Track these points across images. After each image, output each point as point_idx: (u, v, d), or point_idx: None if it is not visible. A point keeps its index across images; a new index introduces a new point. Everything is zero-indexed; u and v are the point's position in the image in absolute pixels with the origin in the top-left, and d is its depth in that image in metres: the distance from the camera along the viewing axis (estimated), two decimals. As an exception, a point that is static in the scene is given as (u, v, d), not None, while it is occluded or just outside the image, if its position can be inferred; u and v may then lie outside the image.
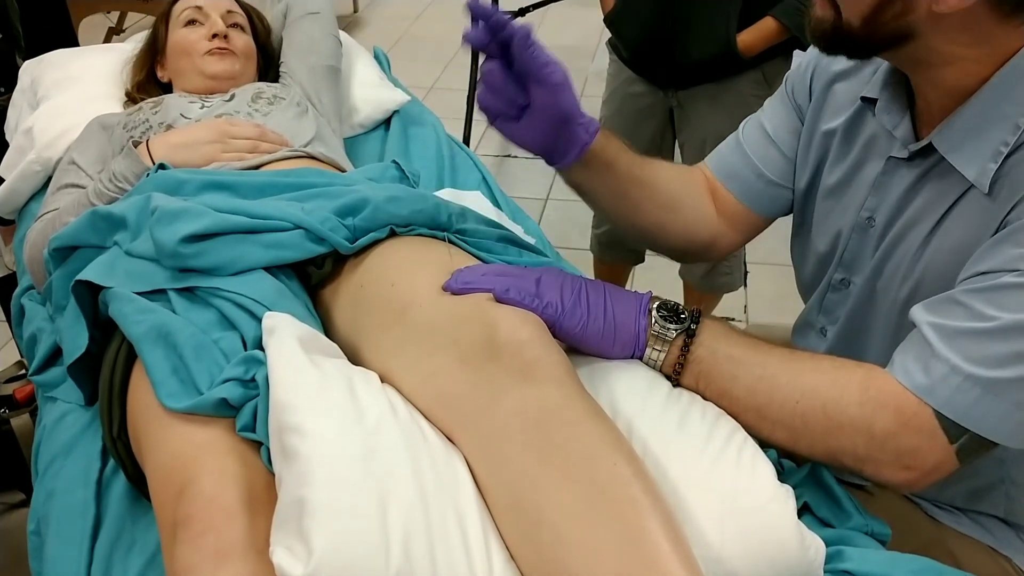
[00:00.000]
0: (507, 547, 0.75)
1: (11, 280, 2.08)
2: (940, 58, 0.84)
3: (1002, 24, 0.81)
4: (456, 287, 0.88)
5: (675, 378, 0.88)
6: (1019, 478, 0.98)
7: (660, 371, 0.89)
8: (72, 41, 2.33)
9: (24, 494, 1.84)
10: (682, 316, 0.88)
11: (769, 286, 2.49)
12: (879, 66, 0.97)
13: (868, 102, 0.99)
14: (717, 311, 2.27)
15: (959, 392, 0.79)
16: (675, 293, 2.07)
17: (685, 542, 0.72)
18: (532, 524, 0.73)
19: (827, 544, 0.81)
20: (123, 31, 3.57)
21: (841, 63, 1.03)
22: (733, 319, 2.41)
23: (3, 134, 1.74)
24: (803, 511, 0.90)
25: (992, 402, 0.78)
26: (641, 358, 0.89)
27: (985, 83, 0.84)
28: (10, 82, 2.01)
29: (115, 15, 3.56)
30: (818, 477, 0.92)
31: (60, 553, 0.92)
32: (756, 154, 1.12)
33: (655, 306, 0.89)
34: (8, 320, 2.07)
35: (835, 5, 0.86)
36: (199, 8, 1.53)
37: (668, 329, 0.87)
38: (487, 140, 3.36)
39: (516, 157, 3.24)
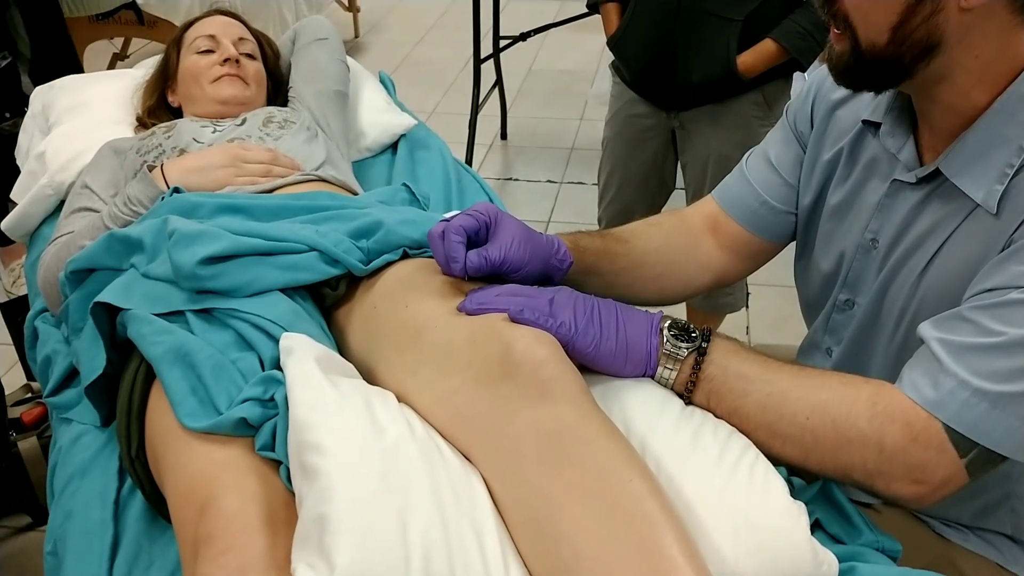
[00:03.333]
0: (525, 563, 0.75)
1: (17, 304, 2.09)
2: (954, 78, 0.86)
3: (1018, 30, 0.82)
4: (471, 308, 0.89)
5: (687, 396, 0.89)
6: (1024, 493, 0.99)
7: (672, 389, 0.90)
8: (76, 68, 2.36)
9: (31, 517, 1.84)
10: (693, 335, 0.89)
11: (771, 307, 2.50)
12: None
13: (870, 125, 1.01)
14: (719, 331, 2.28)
15: (967, 406, 0.80)
16: (678, 314, 2.08)
17: (700, 557, 0.72)
18: (549, 540, 0.73)
19: (839, 560, 0.82)
20: (127, 56, 3.61)
21: (841, 90, 1.04)
22: (750, 346, 2.42)
23: (12, 159, 1.76)
24: (814, 528, 0.89)
25: (999, 416, 0.80)
26: (653, 376, 0.90)
27: (987, 108, 0.86)
28: (16, 108, 2.03)
29: (119, 41, 3.60)
30: (829, 494, 0.92)
31: (78, 573, 0.92)
32: (759, 182, 1.14)
33: (666, 325, 0.90)
34: (14, 343, 2.09)
35: (851, 33, 0.86)
36: (211, 36, 1.56)
37: (680, 348, 0.88)
38: (489, 163, 3.39)
39: (518, 180, 3.27)
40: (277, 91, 1.66)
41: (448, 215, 1.01)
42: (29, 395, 1.99)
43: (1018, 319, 0.80)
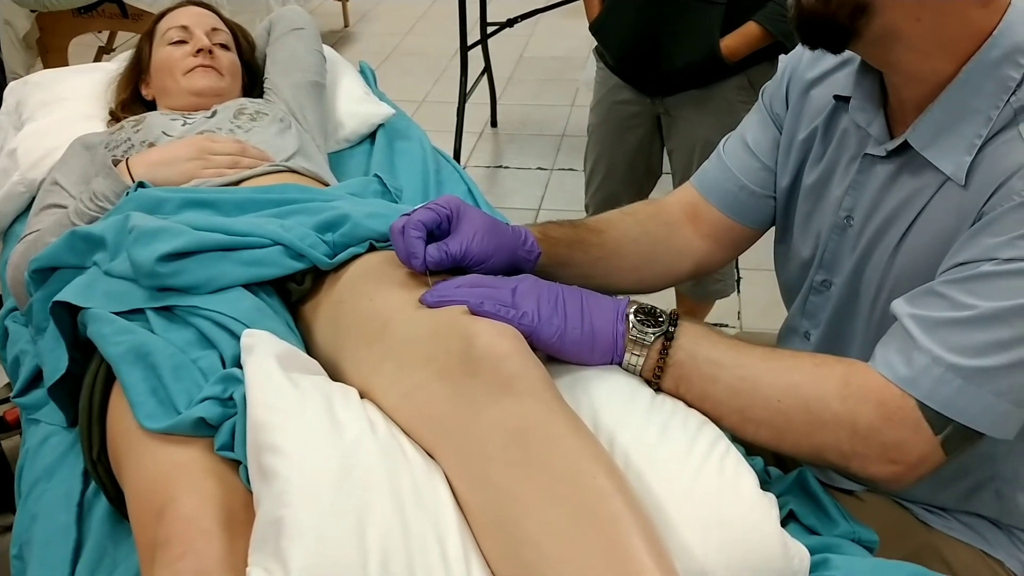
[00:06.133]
0: (488, 565, 0.74)
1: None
2: (906, 41, 0.84)
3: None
4: (431, 300, 0.87)
5: (655, 383, 0.88)
6: (1008, 474, 0.98)
7: (640, 376, 0.88)
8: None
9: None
10: (660, 319, 0.87)
11: (763, 292, 2.48)
12: (852, 67, 0.97)
13: (842, 100, 1.00)
14: (710, 317, 2.27)
15: (941, 382, 0.79)
16: (667, 301, 2.07)
17: (668, 556, 0.71)
18: (513, 541, 0.72)
19: (813, 552, 0.81)
20: (113, 50, 3.58)
21: (816, 69, 1.04)
22: (726, 325, 2.40)
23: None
24: (789, 519, 0.89)
25: (974, 392, 0.79)
26: (620, 364, 0.88)
27: (953, 78, 0.85)
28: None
29: (105, 34, 3.57)
30: (804, 485, 0.91)
31: (42, 577, 0.91)
32: (737, 167, 1.12)
33: (632, 310, 0.88)
34: (-2, 341, 2.07)
35: None
36: (184, 27, 1.53)
37: (646, 333, 0.87)
38: (479, 151, 3.36)
39: (508, 168, 3.24)
40: (253, 83, 1.63)
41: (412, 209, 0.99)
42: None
43: (990, 292, 0.78)
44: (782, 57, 1.71)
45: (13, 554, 0.98)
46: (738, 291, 2.36)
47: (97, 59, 3.44)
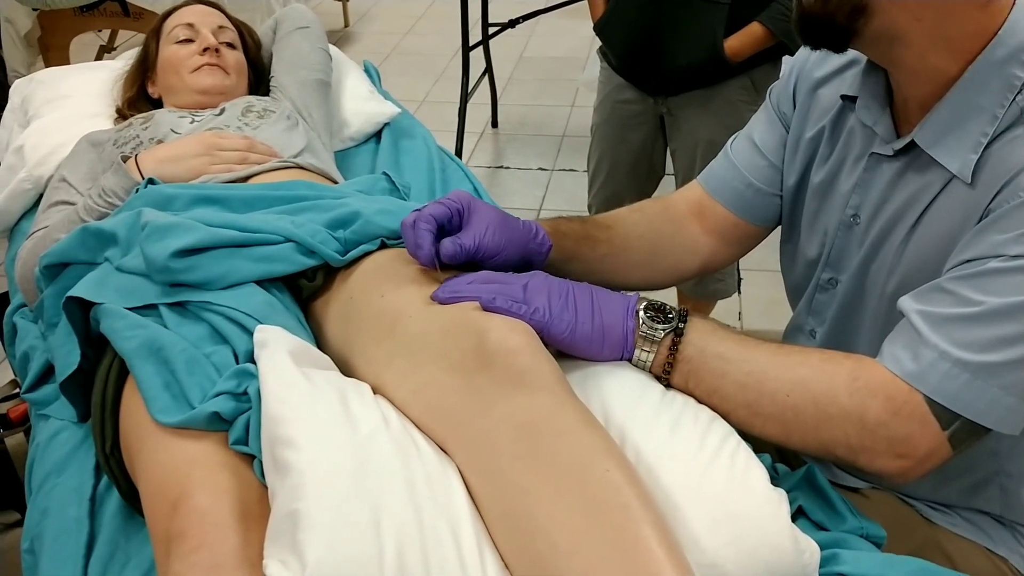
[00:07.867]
0: (502, 557, 0.74)
1: (3, 299, 2.08)
2: (907, 41, 0.85)
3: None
4: (443, 296, 0.88)
5: (665, 378, 0.88)
6: (1013, 470, 0.98)
7: (650, 372, 0.89)
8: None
9: (19, 514, 1.83)
10: (670, 316, 0.88)
11: (764, 292, 2.49)
12: (859, 67, 0.98)
13: (848, 100, 1.00)
14: (712, 317, 2.27)
15: (948, 377, 0.80)
16: (669, 300, 2.07)
17: (679, 548, 0.71)
18: (526, 534, 0.72)
19: (822, 547, 0.81)
20: (114, 49, 3.57)
21: (823, 69, 1.04)
22: (727, 325, 2.41)
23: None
24: (798, 515, 0.89)
25: (981, 386, 0.79)
26: (630, 360, 0.89)
27: (959, 77, 0.86)
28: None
29: (106, 33, 3.57)
30: (812, 480, 0.92)
31: (54, 572, 0.91)
32: (744, 165, 1.13)
33: (642, 307, 0.89)
34: (1, 339, 2.07)
35: None
36: (190, 25, 1.54)
37: (656, 329, 0.87)
38: (480, 151, 3.37)
39: (509, 168, 3.25)
40: (259, 81, 1.64)
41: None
42: (17, 391, 1.98)
43: (997, 288, 0.79)
44: (788, 56, 1.73)
45: (24, 548, 0.98)
46: (739, 291, 2.36)
47: (99, 58, 3.44)
